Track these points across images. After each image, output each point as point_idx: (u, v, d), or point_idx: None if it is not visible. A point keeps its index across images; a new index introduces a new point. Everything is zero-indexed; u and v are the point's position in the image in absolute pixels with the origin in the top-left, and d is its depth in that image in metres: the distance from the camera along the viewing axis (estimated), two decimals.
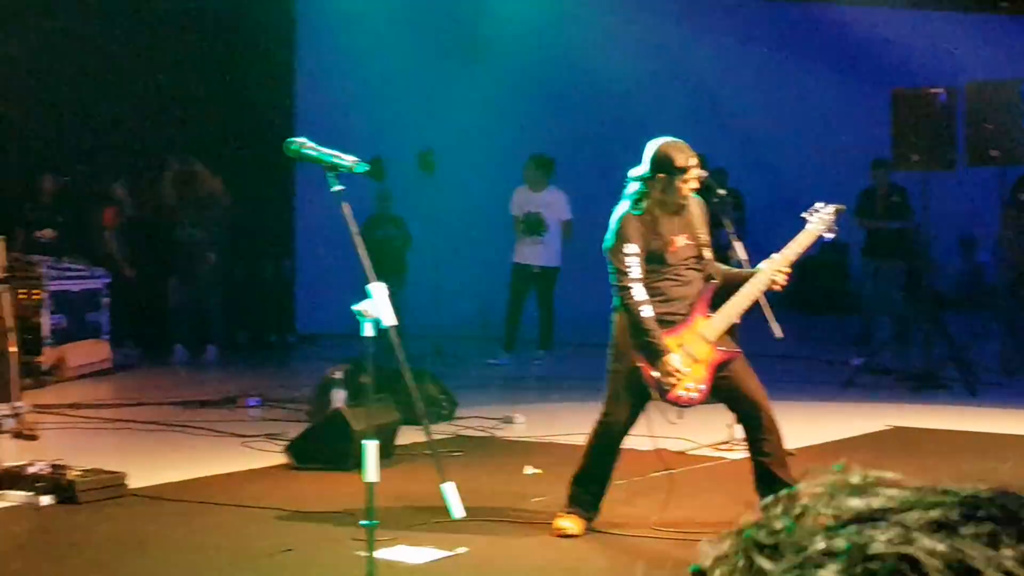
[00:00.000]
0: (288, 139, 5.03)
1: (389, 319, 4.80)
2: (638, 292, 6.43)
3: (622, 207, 6.60)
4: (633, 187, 6.62)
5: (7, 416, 9.69)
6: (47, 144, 14.54)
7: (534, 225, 13.35)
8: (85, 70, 14.53)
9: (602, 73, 17.42)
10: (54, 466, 7.62)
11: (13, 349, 9.81)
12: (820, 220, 6.84)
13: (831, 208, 6.87)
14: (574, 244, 13.42)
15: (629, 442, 6.79)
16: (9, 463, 7.93)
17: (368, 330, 4.83)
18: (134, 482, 7.72)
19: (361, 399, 8.68)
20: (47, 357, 12.96)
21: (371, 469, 4.85)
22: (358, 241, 4.99)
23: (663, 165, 6.55)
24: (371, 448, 4.85)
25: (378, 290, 4.80)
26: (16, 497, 7.45)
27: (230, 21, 15.13)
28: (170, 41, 15.01)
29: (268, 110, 15.46)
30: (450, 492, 4.94)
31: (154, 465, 8.41)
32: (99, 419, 10.46)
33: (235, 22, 15.19)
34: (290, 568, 6.20)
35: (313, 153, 5.06)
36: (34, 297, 13.21)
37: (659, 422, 6.72)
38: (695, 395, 6.53)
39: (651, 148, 6.61)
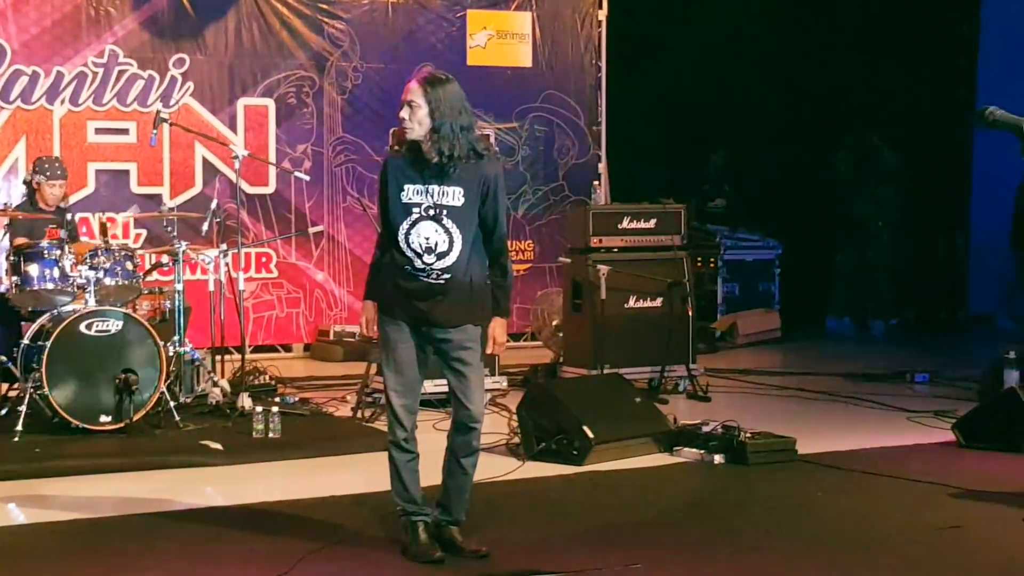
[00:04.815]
0: (980, 108, 4.93)
1: None
2: None
3: None
4: None
5: (683, 377, 10.18)
6: (715, 119, 14.93)
7: None
8: (757, 47, 14.80)
9: None
10: (726, 427, 7.93)
11: (690, 314, 10.24)
12: None
13: None
14: None
15: None
16: (685, 421, 8.34)
17: None
18: (801, 448, 7.87)
19: None
20: (720, 323, 13.47)
21: None
22: None
23: None
24: None
25: None
26: (690, 454, 7.84)
27: None
28: (851, 15, 15.03)
29: (948, 84, 15.12)
30: None
31: (820, 433, 8.54)
32: (768, 385, 10.73)
33: None
34: (962, 545, 6.09)
35: (1010, 121, 4.92)
36: (710, 265, 13.78)
37: None
38: None
39: None
